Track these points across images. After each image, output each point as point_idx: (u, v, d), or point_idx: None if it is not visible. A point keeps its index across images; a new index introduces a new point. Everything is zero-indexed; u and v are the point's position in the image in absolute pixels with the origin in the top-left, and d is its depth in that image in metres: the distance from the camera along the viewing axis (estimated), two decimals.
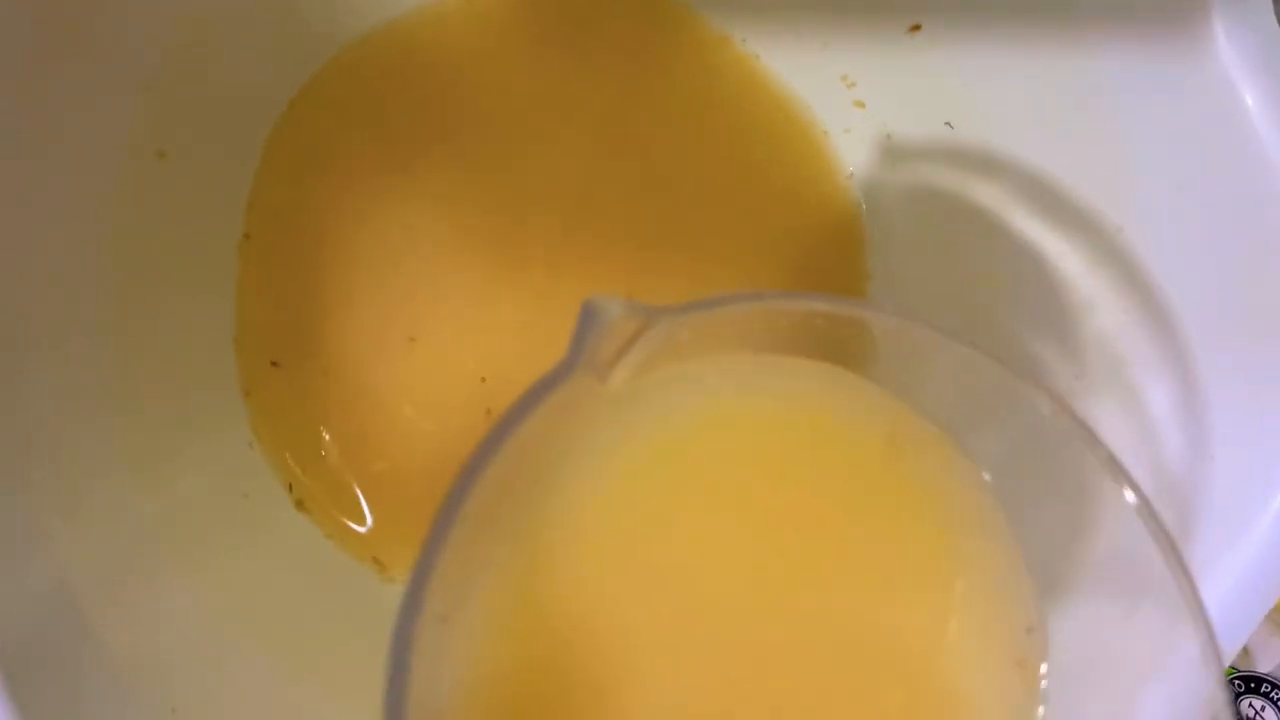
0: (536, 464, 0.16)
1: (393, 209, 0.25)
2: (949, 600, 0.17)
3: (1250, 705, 0.26)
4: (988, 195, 0.25)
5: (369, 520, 0.25)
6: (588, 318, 0.15)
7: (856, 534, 0.17)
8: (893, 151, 0.26)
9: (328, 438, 0.25)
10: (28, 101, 0.20)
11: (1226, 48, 0.21)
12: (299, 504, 0.24)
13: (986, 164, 0.25)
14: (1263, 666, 0.26)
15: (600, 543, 0.17)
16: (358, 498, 0.25)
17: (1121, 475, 0.15)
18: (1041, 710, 0.17)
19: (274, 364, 0.25)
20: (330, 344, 0.25)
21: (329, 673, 0.23)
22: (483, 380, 0.25)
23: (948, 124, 0.25)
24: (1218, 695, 0.15)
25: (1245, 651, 0.26)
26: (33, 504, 0.19)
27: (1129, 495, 0.16)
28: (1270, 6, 0.21)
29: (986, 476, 0.18)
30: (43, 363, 0.20)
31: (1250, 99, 0.21)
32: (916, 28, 0.24)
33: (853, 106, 0.26)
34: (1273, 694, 0.26)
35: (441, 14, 0.26)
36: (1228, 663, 0.21)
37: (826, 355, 0.17)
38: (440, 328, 0.25)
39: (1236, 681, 0.26)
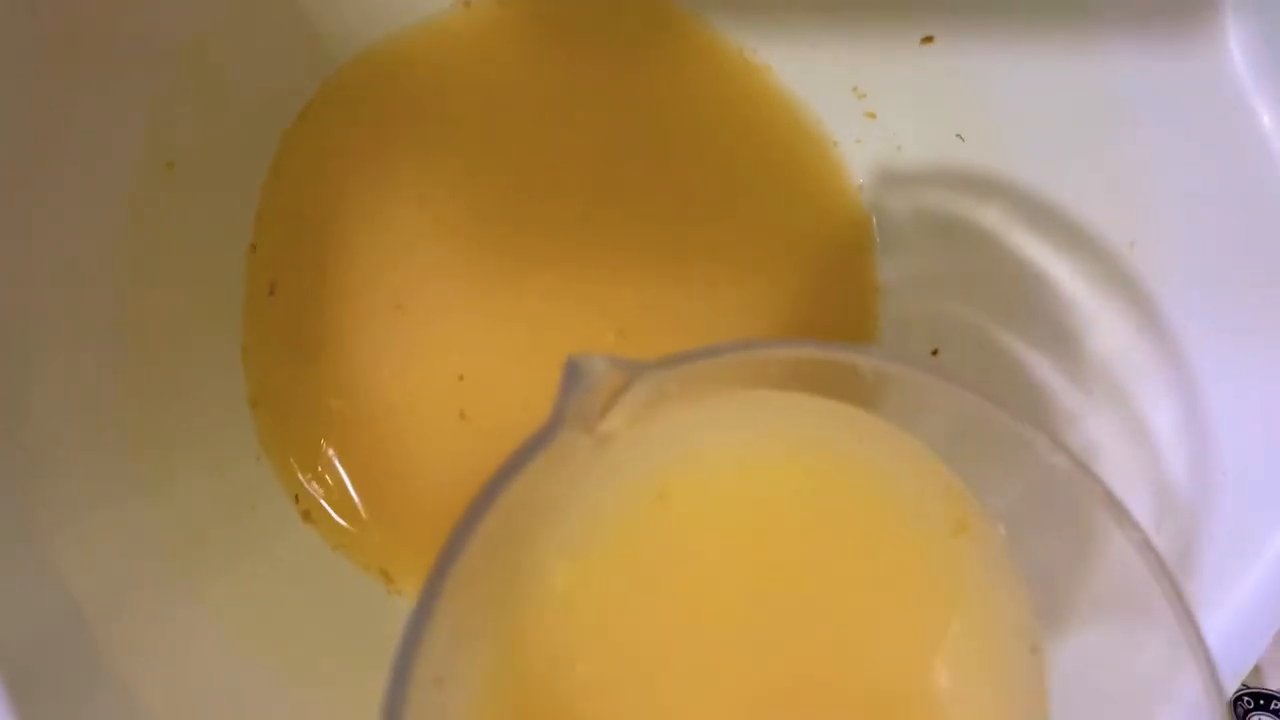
0: (526, 523, 0.16)
1: (399, 218, 0.25)
2: (952, 637, 0.17)
3: None
4: (999, 208, 0.25)
5: (369, 526, 0.25)
6: (571, 375, 0.14)
7: (840, 577, 0.17)
8: (904, 163, 0.26)
9: (331, 447, 0.25)
10: (37, 114, 0.20)
11: (1240, 60, 0.21)
12: (305, 515, 0.24)
13: (998, 176, 0.25)
14: (1272, 683, 0.26)
15: (589, 606, 0.16)
16: (357, 505, 0.25)
17: (1121, 513, 0.15)
18: None
19: (282, 374, 0.25)
20: (338, 352, 0.25)
21: (338, 685, 0.23)
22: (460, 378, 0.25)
23: (959, 136, 0.25)
24: None
25: (1256, 669, 0.26)
26: (38, 521, 0.19)
27: (1129, 532, 0.15)
28: None
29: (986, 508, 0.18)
30: (48, 378, 0.20)
31: (1265, 113, 0.21)
32: (929, 39, 0.24)
33: (864, 118, 0.26)
34: None
35: (447, 24, 0.25)
36: (1238, 681, 0.21)
37: (820, 392, 0.17)
38: (444, 335, 0.25)
39: (1246, 699, 0.26)
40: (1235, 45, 0.21)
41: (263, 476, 0.24)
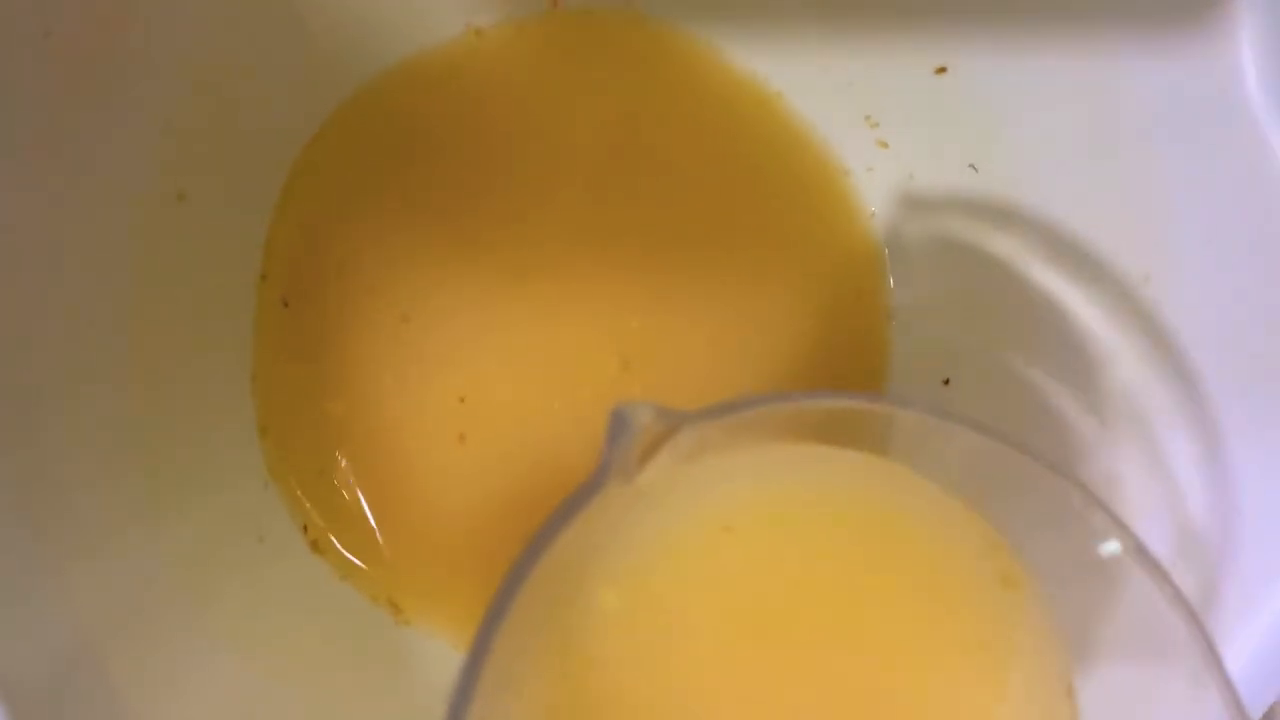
0: (569, 571, 0.16)
1: (407, 244, 0.25)
2: (995, 682, 0.17)
3: None
4: (1011, 239, 0.25)
5: (376, 557, 0.25)
6: (618, 425, 0.15)
7: (896, 624, 0.17)
8: (916, 192, 0.26)
9: (343, 464, 0.25)
10: (50, 145, 0.20)
11: (1256, 90, 0.21)
12: (314, 545, 0.24)
13: (1011, 208, 0.25)
14: None
15: (633, 650, 0.16)
16: (365, 534, 0.25)
17: (1155, 568, 0.15)
18: None
19: (291, 402, 0.25)
20: (345, 377, 0.25)
21: (347, 717, 0.23)
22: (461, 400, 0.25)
23: (971, 166, 0.25)
24: None
25: (1270, 712, 0.26)
26: (47, 549, 0.19)
27: (1151, 575, 0.15)
28: None
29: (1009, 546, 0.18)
30: (58, 406, 0.20)
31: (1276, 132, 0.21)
32: (942, 70, 0.24)
33: (876, 146, 0.26)
34: None
35: (455, 53, 0.25)
36: None
37: (853, 441, 0.17)
38: (447, 356, 0.25)
39: None
40: (1251, 73, 0.21)
41: (271, 506, 0.24)
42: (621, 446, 0.15)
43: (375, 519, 0.25)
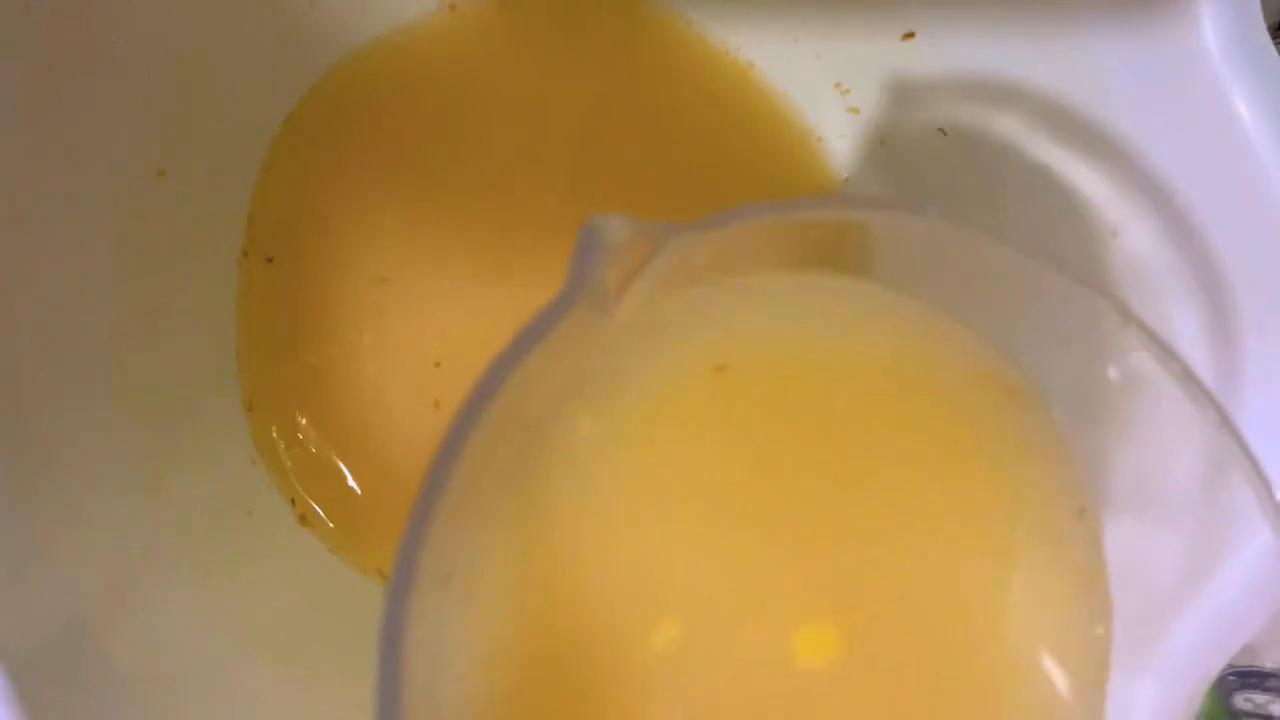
0: (538, 407, 0.14)
1: (386, 218, 0.25)
2: (1003, 506, 0.16)
3: (1249, 699, 0.25)
4: (982, 201, 0.25)
5: (364, 528, 0.25)
6: (589, 240, 0.13)
7: (899, 466, 0.16)
8: (887, 157, 0.26)
9: (326, 436, 0.25)
10: (30, 123, 0.20)
11: (1217, 51, 0.21)
12: (302, 518, 0.24)
13: (980, 170, 0.25)
14: (1267, 663, 0.26)
15: (611, 485, 0.15)
16: (355, 504, 0.25)
17: (1200, 392, 0.14)
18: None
19: (274, 377, 0.25)
20: (325, 338, 0.25)
21: (335, 686, 0.23)
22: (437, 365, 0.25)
23: (941, 130, 0.25)
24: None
25: (1248, 649, 0.26)
26: (39, 522, 0.19)
27: (1194, 398, 0.14)
28: (1258, 5, 0.21)
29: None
30: (45, 381, 0.20)
31: (1241, 102, 0.21)
32: (910, 35, 0.25)
33: (847, 113, 0.26)
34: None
35: (431, 28, 0.26)
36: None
37: (854, 262, 0.16)
38: (425, 320, 0.25)
39: (1232, 678, 0.26)
40: (1211, 35, 0.21)
41: (259, 480, 0.24)
42: (592, 263, 0.12)
43: (362, 490, 0.25)
